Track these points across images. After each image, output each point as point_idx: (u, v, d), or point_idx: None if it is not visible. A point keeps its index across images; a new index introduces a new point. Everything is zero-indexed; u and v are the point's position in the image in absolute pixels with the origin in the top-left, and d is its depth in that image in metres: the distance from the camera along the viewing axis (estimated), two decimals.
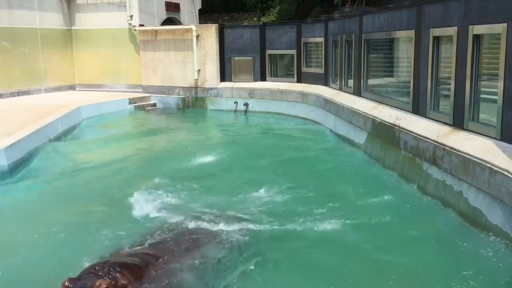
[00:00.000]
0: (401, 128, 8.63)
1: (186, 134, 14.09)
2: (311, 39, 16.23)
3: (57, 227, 6.67)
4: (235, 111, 17.31)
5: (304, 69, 16.69)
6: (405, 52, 10.09)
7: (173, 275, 4.94)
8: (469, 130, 7.10)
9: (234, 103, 17.39)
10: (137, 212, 7.24)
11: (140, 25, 18.78)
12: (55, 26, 18.91)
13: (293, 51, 16.92)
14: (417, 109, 8.85)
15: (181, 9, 21.89)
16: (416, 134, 8.04)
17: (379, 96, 10.96)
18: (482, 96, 7.04)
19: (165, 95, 18.36)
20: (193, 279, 5.03)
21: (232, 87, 17.66)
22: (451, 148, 6.89)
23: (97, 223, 6.83)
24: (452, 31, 7.50)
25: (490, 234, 5.89)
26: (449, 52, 7.72)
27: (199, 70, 17.75)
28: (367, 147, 10.35)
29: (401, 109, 9.49)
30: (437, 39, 8.16)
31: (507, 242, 5.59)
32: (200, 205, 7.45)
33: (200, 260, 5.35)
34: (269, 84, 17.18)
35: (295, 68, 16.98)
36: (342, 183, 8.82)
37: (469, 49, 7.03)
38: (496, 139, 6.45)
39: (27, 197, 8.22)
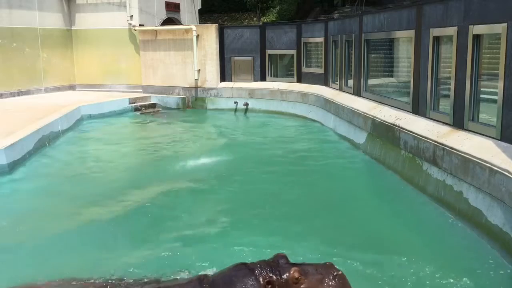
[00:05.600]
0: (401, 128, 8.63)
1: (186, 134, 14.08)
2: (311, 39, 16.23)
3: (46, 227, 6.71)
4: (235, 111, 17.31)
5: (304, 69, 16.68)
6: (405, 52, 10.09)
7: None
8: (469, 130, 7.10)
9: (234, 103, 17.38)
10: (126, 218, 7.14)
11: (140, 25, 18.77)
12: (55, 26, 18.91)
13: (293, 51, 16.92)
14: (417, 109, 8.85)
15: (181, 9, 21.88)
16: (416, 134, 8.04)
17: (379, 96, 10.96)
18: (482, 96, 7.04)
19: (165, 95, 18.35)
20: None
21: (232, 87, 17.66)
22: (451, 148, 6.89)
23: (85, 225, 6.82)
24: (452, 31, 7.50)
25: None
26: (449, 52, 7.72)
27: (199, 70, 17.75)
28: (367, 147, 10.35)
29: (401, 109, 9.48)
30: (437, 39, 8.16)
31: None
32: (199, 213, 7.41)
33: None
34: (269, 84, 17.18)
35: (295, 68, 16.97)
36: (341, 184, 8.83)
37: (469, 49, 7.02)
38: (496, 139, 6.44)
39: (24, 196, 8.23)
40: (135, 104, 17.36)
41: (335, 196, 8.07)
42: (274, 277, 3.77)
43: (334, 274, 3.90)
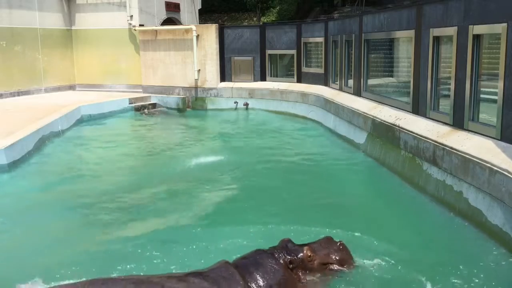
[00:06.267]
0: (401, 128, 8.63)
1: (186, 134, 14.09)
2: (311, 39, 16.23)
3: (46, 227, 6.73)
4: (236, 110, 17.31)
5: (304, 69, 16.69)
6: (405, 52, 10.09)
7: None
8: (469, 130, 7.10)
9: (234, 103, 17.38)
10: (128, 217, 7.13)
11: (140, 25, 18.77)
12: (55, 26, 18.91)
13: (293, 51, 16.93)
14: (417, 109, 8.85)
15: (181, 9, 21.89)
16: (416, 134, 8.04)
17: (379, 96, 10.96)
18: (482, 96, 7.04)
19: (165, 95, 18.35)
20: None
21: (232, 87, 17.66)
22: (451, 148, 6.89)
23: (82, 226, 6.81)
24: (452, 31, 7.50)
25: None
26: (449, 52, 7.72)
27: (199, 70, 17.75)
28: (367, 147, 10.36)
29: (401, 109, 9.48)
30: (437, 39, 8.16)
31: None
32: (200, 211, 7.41)
33: None
34: (269, 84, 17.18)
35: (295, 68, 16.98)
36: (341, 183, 8.83)
37: (469, 49, 7.03)
38: (496, 139, 6.44)
39: (24, 195, 8.22)
40: (135, 104, 17.36)
41: (334, 195, 8.07)
42: (291, 258, 4.41)
43: (338, 244, 4.66)
